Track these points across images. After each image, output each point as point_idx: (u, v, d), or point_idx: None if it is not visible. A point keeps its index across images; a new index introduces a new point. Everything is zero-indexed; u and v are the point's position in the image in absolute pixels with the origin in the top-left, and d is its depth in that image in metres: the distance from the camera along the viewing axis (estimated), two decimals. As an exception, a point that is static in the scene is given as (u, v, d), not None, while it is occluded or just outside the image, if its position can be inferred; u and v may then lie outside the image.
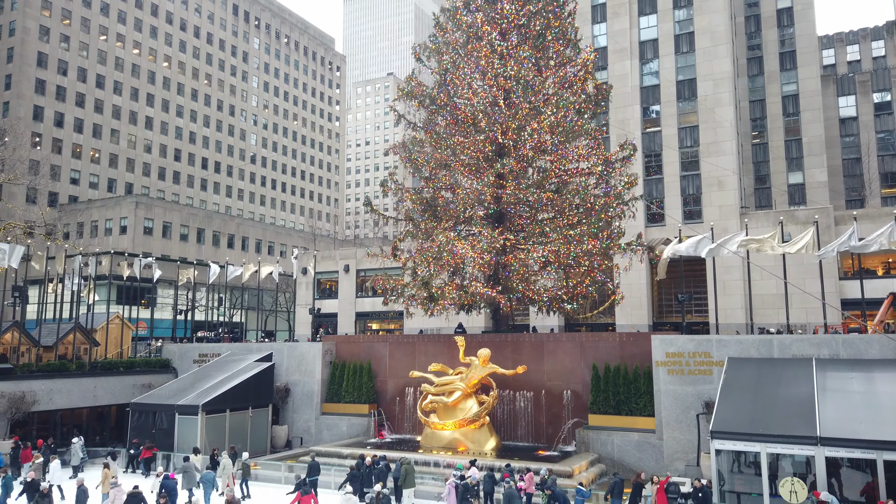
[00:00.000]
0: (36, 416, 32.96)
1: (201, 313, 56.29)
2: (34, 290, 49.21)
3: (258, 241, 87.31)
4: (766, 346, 26.25)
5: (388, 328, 51.48)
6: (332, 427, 34.96)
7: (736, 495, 21.98)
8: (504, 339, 33.07)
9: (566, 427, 30.23)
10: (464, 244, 31.74)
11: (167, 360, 40.31)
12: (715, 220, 40.75)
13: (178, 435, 30.90)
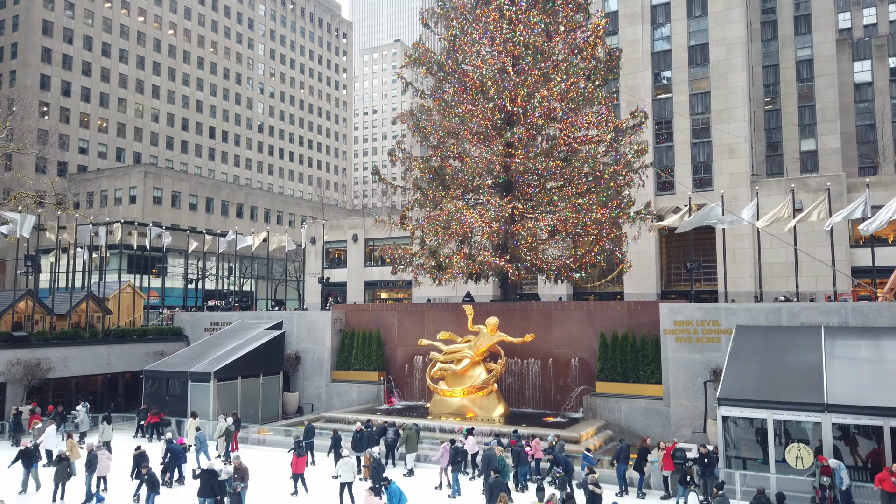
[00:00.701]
0: (52, 383, 33.56)
1: (212, 282, 56.78)
2: (46, 260, 49.74)
3: (267, 210, 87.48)
4: (775, 314, 26.24)
5: (397, 297, 51.75)
6: (342, 394, 35.44)
7: (742, 461, 22.20)
8: (512, 307, 33.21)
9: (574, 394, 30.52)
10: (472, 213, 31.67)
11: (179, 328, 40.79)
12: (725, 188, 40.40)
13: (191, 401, 31.42)
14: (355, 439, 24.00)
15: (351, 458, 20.23)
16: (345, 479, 19.39)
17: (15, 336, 32.51)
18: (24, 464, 21.24)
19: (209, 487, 17.59)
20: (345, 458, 20.16)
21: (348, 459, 20.04)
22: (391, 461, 24.24)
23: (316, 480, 21.91)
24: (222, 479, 17.68)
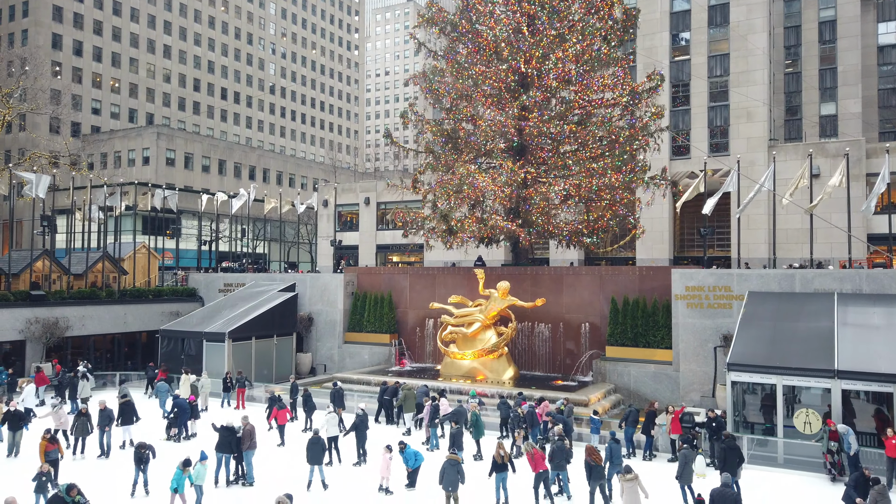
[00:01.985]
0: (70, 341, 34.22)
1: (225, 244, 57.18)
2: (62, 220, 50.22)
3: (279, 172, 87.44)
4: (788, 280, 26.12)
5: (409, 261, 51.92)
6: (354, 355, 35.91)
7: (750, 425, 22.38)
8: (523, 272, 33.26)
9: (583, 358, 30.73)
10: (484, 177, 31.50)
11: (193, 289, 41.27)
12: (742, 152, 39.85)
13: (206, 361, 31.97)
14: (333, 395, 24.53)
15: (335, 414, 20.89)
16: (330, 433, 20.04)
17: (33, 295, 33.06)
18: (11, 426, 20.53)
19: (227, 443, 18.01)
20: (329, 414, 20.83)
21: (332, 415, 20.66)
22: (401, 420, 24.73)
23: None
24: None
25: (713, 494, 13.65)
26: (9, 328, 31.49)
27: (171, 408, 23.08)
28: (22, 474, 17.49)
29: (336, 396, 24.22)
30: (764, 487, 18.13)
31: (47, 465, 15.77)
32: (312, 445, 17.76)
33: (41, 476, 15.34)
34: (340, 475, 19.00)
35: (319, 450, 17.85)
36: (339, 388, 24.84)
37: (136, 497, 16.82)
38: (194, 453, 16.68)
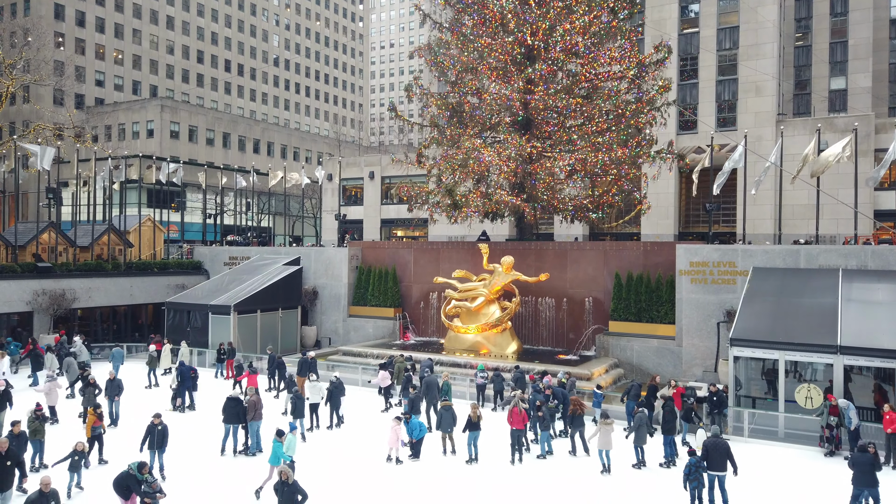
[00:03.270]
0: (77, 313, 34.51)
1: (230, 218, 57.25)
2: (67, 192, 50.29)
3: (283, 146, 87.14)
4: (793, 256, 26.07)
5: (413, 235, 51.94)
6: (358, 329, 36.14)
7: (751, 400, 22.53)
8: (528, 246, 33.27)
9: (587, 333, 30.87)
10: (490, 151, 31.34)
11: (199, 262, 41.45)
12: (750, 127, 39.49)
13: (212, 333, 32.24)
14: (300, 364, 25.18)
15: (318, 383, 21.77)
16: (313, 400, 20.98)
17: (40, 267, 33.26)
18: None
19: (235, 414, 18.24)
20: (312, 382, 21.68)
21: (315, 383, 21.55)
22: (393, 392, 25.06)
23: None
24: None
25: (707, 445, 14.56)
26: (16, 300, 31.76)
27: (177, 375, 23.37)
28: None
29: (311, 366, 24.96)
30: (761, 461, 18.31)
31: (82, 443, 15.06)
32: (297, 399, 19.74)
33: (74, 455, 14.78)
34: (335, 441, 19.31)
35: (301, 404, 19.92)
36: (306, 357, 25.60)
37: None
38: (282, 425, 16.92)
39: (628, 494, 15.69)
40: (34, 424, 16.62)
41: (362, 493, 15.47)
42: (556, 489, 15.97)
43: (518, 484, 16.27)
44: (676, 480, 15.82)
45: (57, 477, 13.91)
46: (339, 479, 16.39)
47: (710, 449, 14.48)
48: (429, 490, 15.79)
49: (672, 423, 17.97)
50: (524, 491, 15.77)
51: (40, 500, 11.45)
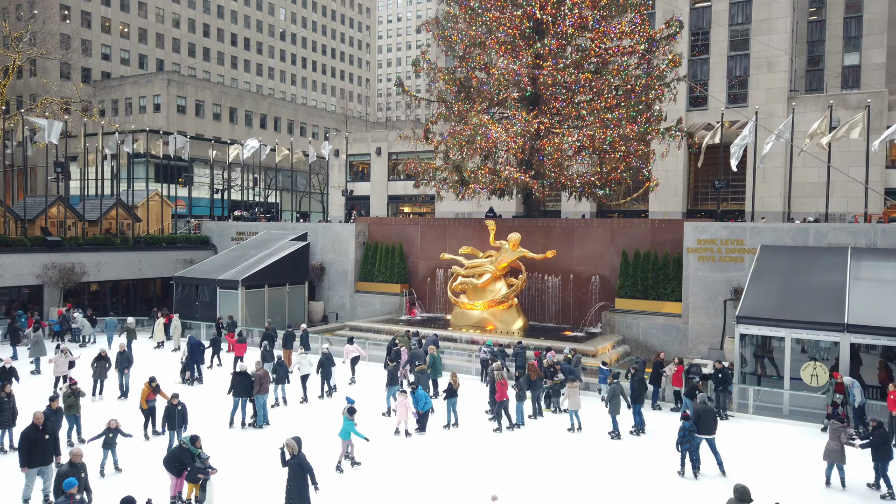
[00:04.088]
0: (87, 287, 34.79)
1: (237, 193, 57.27)
2: (75, 167, 50.39)
3: (290, 121, 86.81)
4: (802, 234, 25.93)
5: (420, 212, 51.89)
6: (365, 304, 36.31)
7: (756, 377, 22.59)
8: (534, 223, 33.20)
9: (593, 310, 30.92)
10: (497, 127, 31.12)
11: (207, 237, 41.60)
12: (761, 104, 39.03)
13: (220, 308, 32.47)
14: (285, 337, 25.80)
15: (307, 355, 22.58)
16: (304, 371, 21.43)
17: (49, 240, 33.47)
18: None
19: (243, 387, 18.47)
20: (301, 354, 22.41)
21: (304, 355, 22.29)
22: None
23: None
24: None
25: (698, 411, 15.73)
26: (27, 273, 32.03)
27: (187, 348, 23.63)
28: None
29: (303, 339, 25.76)
30: (765, 437, 18.43)
31: (115, 420, 14.67)
32: (279, 367, 20.56)
33: (108, 432, 14.43)
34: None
35: (284, 372, 20.83)
36: (292, 331, 26.17)
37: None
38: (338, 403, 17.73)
39: (605, 459, 16.56)
40: (70, 399, 16.55)
41: (371, 463, 15.67)
42: (542, 454, 16.68)
43: (498, 450, 17.02)
44: (647, 447, 17.19)
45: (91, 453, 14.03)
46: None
47: (701, 414, 15.57)
48: (423, 458, 16.00)
49: (640, 393, 18.76)
50: (504, 456, 16.58)
51: (70, 472, 11.23)
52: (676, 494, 14.44)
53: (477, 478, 14.99)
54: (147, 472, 14.70)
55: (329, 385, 22.03)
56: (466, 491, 14.20)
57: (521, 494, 14.11)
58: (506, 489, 14.17)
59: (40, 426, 13.25)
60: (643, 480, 15.09)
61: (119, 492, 12.78)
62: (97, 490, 12.99)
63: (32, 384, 22.50)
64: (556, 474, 15.44)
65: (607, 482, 15.01)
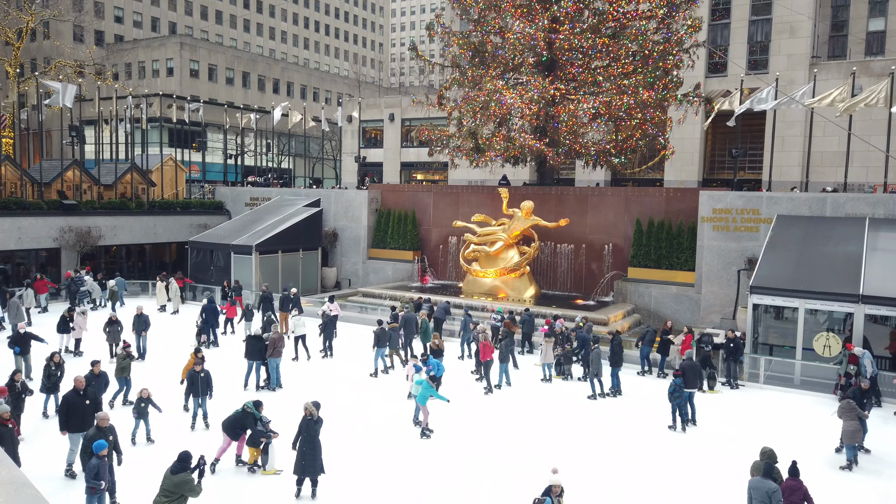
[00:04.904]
0: (103, 250, 35.17)
1: (250, 158, 57.30)
2: (90, 131, 50.53)
3: (303, 86, 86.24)
4: (819, 204, 25.60)
5: (433, 179, 51.66)
6: (378, 271, 36.48)
7: (769, 347, 22.56)
8: (548, 191, 32.99)
9: (605, 279, 30.87)
10: (512, 93, 30.73)
11: (220, 202, 41.76)
12: (782, 70, 38.18)
13: (234, 272, 32.75)
14: (282, 300, 26.56)
15: (301, 317, 23.65)
16: (298, 332, 22.23)
17: (65, 204, 33.76)
18: (16, 349, 18.56)
19: (256, 351, 18.72)
20: (296, 317, 23.56)
21: (299, 317, 23.42)
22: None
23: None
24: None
25: (684, 367, 17.15)
26: (44, 236, 32.41)
27: (201, 311, 23.93)
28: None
29: (294, 301, 26.51)
30: (775, 405, 18.49)
31: (146, 389, 14.30)
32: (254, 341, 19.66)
33: (140, 401, 14.14)
34: (323, 369, 19.90)
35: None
36: (288, 294, 26.82)
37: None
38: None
39: (585, 418, 17.33)
40: (123, 362, 16.64)
41: (391, 425, 15.94)
42: (526, 412, 17.53)
43: (482, 409, 17.77)
44: (625, 408, 18.04)
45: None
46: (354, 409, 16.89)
47: (687, 370, 17.03)
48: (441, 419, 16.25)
49: (619, 356, 19.54)
50: (485, 416, 17.24)
51: (98, 436, 11.22)
52: (660, 447, 15.23)
53: (474, 435, 15.24)
54: (183, 441, 14.53)
55: (330, 343, 22.82)
56: (467, 449, 14.44)
57: (506, 448, 14.44)
58: (503, 444, 14.43)
59: (81, 391, 13.22)
60: (626, 436, 15.98)
61: (151, 461, 13.17)
62: (129, 459, 13.13)
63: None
64: (542, 431, 16.15)
65: (590, 438, 15.77)
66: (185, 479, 9.87)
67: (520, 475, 13.27)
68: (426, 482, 13.05)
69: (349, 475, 13.15)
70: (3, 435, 11.50)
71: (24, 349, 18.58)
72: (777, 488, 10.31)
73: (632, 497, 12.58)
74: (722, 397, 19.32)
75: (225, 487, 12.58)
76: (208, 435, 14.72)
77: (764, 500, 10.24)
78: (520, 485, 12.74)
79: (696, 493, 12.86)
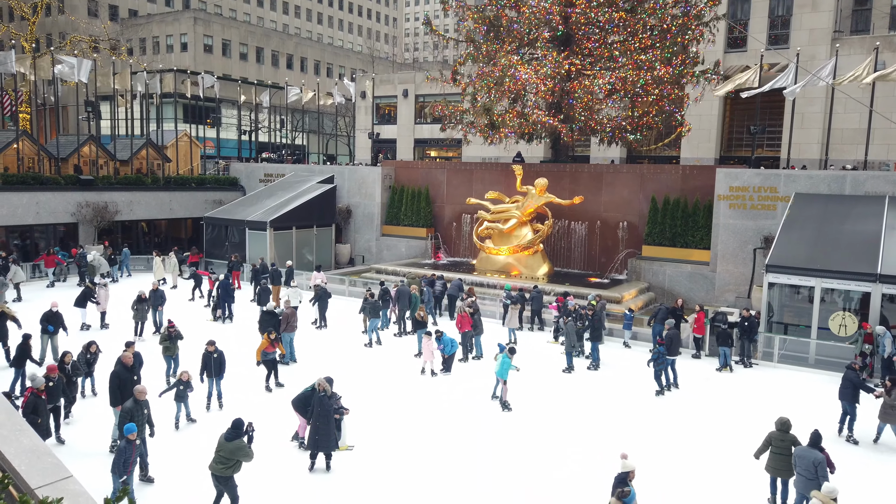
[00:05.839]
0: (120, 225, 35.51)
1: (264, 135, 57.33)
2: (105, 106, 50.74)
3: (317, 62, 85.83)
4: (838, 182, 25.24)
5: (446, 156, 51.45)
6: (391, 248, 36.56)
7: (783, 326, 22.44)
8: (562, 169, 32.77)
9: (619, 257, 30.75)
10: (527, 69, 30.38)
11: (235, 178, 41.92)
12: (803, 45, 37.41)
13: (249, 248, 32.98)
14: (272, 274, 27.34)
15: (297, 288, 25.14)
16: (293, 303, 22.21)
17: (82, 179, 34.05)
18: (50, 327, 18.12)
19: (271, 325, 18.88)
20: (292, 288, 24.73)
21: (295, 288, 24.79)
22: (438, 310, 25.61)
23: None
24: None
25: (669, 336, 18.16)
26: (62, 211, 32.76)
27: (216, 287, 24.16)
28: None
29: (288, 274, 27.38)
30: (788, 384, 18.45)
31: (186, 372, 14.09)
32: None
33: (179, 384, 13.90)
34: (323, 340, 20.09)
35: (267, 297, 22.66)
36: (276, 268, 27.71)
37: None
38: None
39: (560, 390, 17.69)
40: (166, 342, 16.67)
41: (408, 398, 16.12)
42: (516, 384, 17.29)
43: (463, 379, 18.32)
44: (603, 382, 18.41)
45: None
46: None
47: (672, 338, 18.12)
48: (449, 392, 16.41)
49: (599, 331, 20.08)
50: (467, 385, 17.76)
51: (135, 409, 11.34)
52: (636, 412, 16.02)
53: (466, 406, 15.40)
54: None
55: (324, 315, 23.45)
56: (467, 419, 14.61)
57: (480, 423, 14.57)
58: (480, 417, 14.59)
59: (129, 366, 13.39)
60: (604, 404, 16.61)
61: (182, 440, 13.46)
62: (172, 443, 13.30)
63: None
64: (529, 400, 16.59)
65: (576, 407, 16.35)
66: (240, 446, 10.37)
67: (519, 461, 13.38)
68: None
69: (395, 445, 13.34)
70: (37, 406, 11.77)
71: (56, 328, 18.22)
72: (823, 459, 10.59)
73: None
74: (734, 376, 19.30)
75: (292, 465, 12.73)
76: (223, 415, 14.74)
77: (809, 468, 10.50)
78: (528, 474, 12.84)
79: (702, 467, 12.92)
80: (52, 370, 13.13)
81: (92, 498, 6.40)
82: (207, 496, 10.85)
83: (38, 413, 11.67)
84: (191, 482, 11.74)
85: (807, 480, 10.46)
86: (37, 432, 9.60)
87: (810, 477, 10.42)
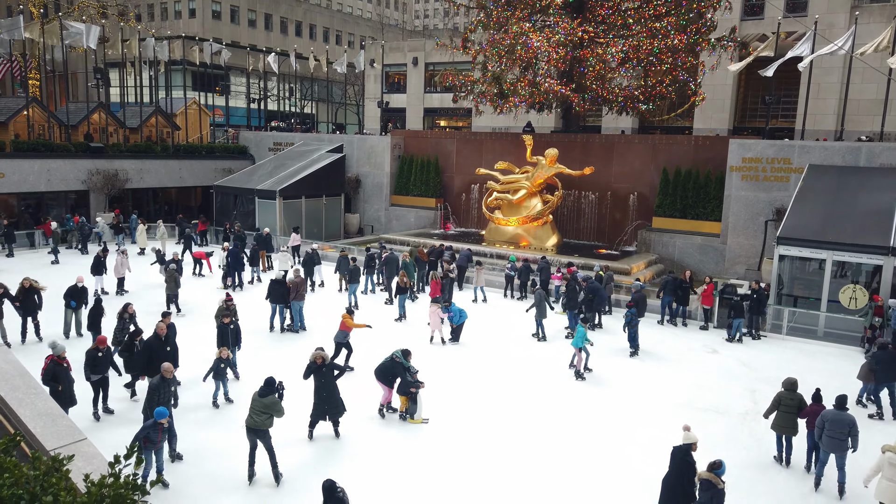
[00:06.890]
0: (130, 193, 35.65)
1: (273, 103, 57.06)
2: (114, 73, 50.53)
3: (326, 29, 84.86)
4: (853, 153, 24.89)
5: (456, 125, 51.06)
6: (400, 217, 36.54)
7: (793, 299, 22.36)
8: (573, 139, 32.47)
9: (629, 228, 30.61)
10: (539, 36, 29.91)
11: (244, 146, 41.86)
12: (821, 13, 36.55)
13: (259, 217, 33.07)
14: (256, 238, 27.30)
15: (287, 252, 25.77)
16: (281, 268, 23.52)
17: (92, 147, 34.10)
18: (73, 303, 17.91)
19: (279, 295, 19.02)
20: (282, 252, 25.46)
21: (284, 253, 25.44)
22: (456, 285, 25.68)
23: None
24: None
25: (636, 298, 19.26)
26: (73, 178, 32.89)
27: (227, 256, 24.30)
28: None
29: (266, 240, 27.18)
30: (795, 355, 18.46)
31: (227, 350, 13.84)
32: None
33: (220, 362, 13.57)
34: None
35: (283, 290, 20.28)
36: (261, 233, 27.42)
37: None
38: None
39: (533, 357, 17.94)
40: (225, 312, 15.98)
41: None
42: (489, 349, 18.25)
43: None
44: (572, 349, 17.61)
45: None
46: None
47: (638, 301, 19.16)
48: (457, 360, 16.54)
49: (574, 300, 20.05)
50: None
51: (161, 386, 11.30)
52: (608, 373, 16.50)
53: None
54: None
55: (312, 280, 23.93)
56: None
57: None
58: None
59: (163, 336, 13.30)
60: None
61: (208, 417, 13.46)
62: (211, 420, 13.28)
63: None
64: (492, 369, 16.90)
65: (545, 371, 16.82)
66: (273, 401, 10.81)
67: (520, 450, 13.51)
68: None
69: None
70: (56, 374, 11.84)
71: (80, 303, 17.98)
72: (855, 421, 10.91)
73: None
74: (742, 346, 19.31)
75: (374, 434, 12.87)
76: (239, 386, 14.76)
77: (843, 431, 10.80)
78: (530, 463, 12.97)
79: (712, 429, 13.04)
80: (101, 342, 13.06)
81: (106, 459, 6.52)
82: (237, 471, 11.10)
83: (57, 380, 11.78)
84: (218, 458, 11.72)
85: (839, 441, 10.83)
86: (56, 400, 9.79)
87: (843, 438, 10.79)
